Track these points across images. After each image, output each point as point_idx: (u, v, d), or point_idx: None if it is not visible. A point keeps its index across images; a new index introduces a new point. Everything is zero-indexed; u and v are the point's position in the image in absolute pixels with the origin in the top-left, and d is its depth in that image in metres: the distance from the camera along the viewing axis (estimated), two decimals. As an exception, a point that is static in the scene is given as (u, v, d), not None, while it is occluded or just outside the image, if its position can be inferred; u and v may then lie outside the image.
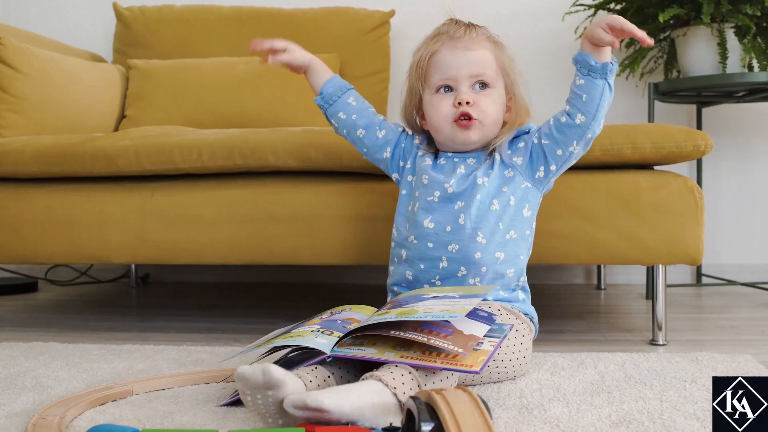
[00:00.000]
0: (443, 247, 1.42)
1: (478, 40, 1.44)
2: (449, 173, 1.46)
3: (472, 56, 1.43)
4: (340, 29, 2.67)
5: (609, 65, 1.34)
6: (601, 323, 2.00)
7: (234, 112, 2.45)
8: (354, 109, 1.56)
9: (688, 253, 1.64)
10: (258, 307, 2.32)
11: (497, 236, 1.41)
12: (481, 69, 1.43)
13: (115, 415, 1.17)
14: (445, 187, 1.44)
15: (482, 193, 1.41)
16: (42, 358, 1.57)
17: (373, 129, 1.55)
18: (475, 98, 1.42)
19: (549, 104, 2.32)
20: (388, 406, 1.03)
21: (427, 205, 1.44)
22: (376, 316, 1.21)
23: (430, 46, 1.47)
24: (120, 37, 2.78)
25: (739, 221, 2.76)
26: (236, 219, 1.76)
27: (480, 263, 1.40)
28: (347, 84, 1.59)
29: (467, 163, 1.47)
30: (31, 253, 1.86)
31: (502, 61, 1.46)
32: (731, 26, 2.29)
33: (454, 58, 1.43)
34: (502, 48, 1.48)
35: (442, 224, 1.42)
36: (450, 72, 1.43)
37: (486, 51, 1.44)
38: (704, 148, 1.64)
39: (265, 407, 1.05)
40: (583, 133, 1.38)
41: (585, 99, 1.36)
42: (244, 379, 1.03)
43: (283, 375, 1.02)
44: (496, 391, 1.28)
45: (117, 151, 1.79)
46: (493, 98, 1.44)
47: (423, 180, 1.47)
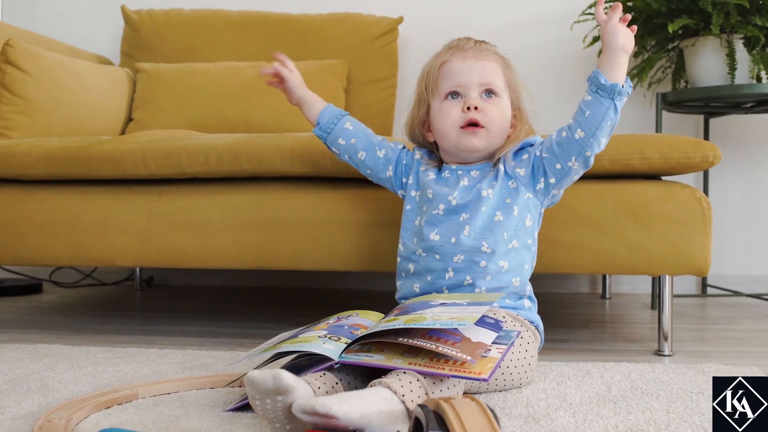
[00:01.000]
0: (449, 259, 1.43)
1: (487, 53, 1.49)
2: (453, 186, 1.48)
3: (482, 65, 1.46)
4: (348, 35, 2.67)
5: (618, 87, 1.35)
6: (607, 333, 1.99)
7: (240, 116, 2.45)
8: (352, 133, 1.59)
9: (694, 264, 1.64)
10: (263, 312, 2.32)
11: (501, 246, 1.42)
12: (490, 78, 1.46)
13: (121, 419, 1.16)
14: (449, 200, 1.45)
15: (487, 206, 1.43)
16: (47, 360, 1.56)
17: (373, 150, 1.58)
18: (483, 105, 1.45)
19: (554, 113, 2.34)
20: (395, 414, 1.03)
21: (432, 218, 1.46)
22: (383, 323, 1.21)
23: (440, 56, 1.51)
24: (128, 40, 2.79)
25: (745, 232, 2.76)
26: (242, 224, 1.76)
27: (485, 272, 1.41)
28: (342, 111, 1.63)
29: (471, 175, 1.48)
30: (36, 255, 1.85)
31: (508, 76, 1.50)
32: (740, 37, 2.28)
33: (465, 66, 1.47)
34: (509, 65, 1.52)
35: (447, 236, 1.44)
36: (460, 79, 1.46)
37: (494, 63, 1.48)
38: (713, 159, 1.63)
39: (274, 412, 1.05)
40: (582, 150, 1.39)
41: (587, 115, 1.37)
42: (254, 384, 1.03)
43: (293, 381, 1.02)
44: (502, 399, 1.28)
45: (124, 155, 1.79)
46: (500, 107, 1.47)
47: (428, 194, 1.49)
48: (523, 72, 1.58)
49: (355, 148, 1.59)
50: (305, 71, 2.49)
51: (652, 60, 2.42)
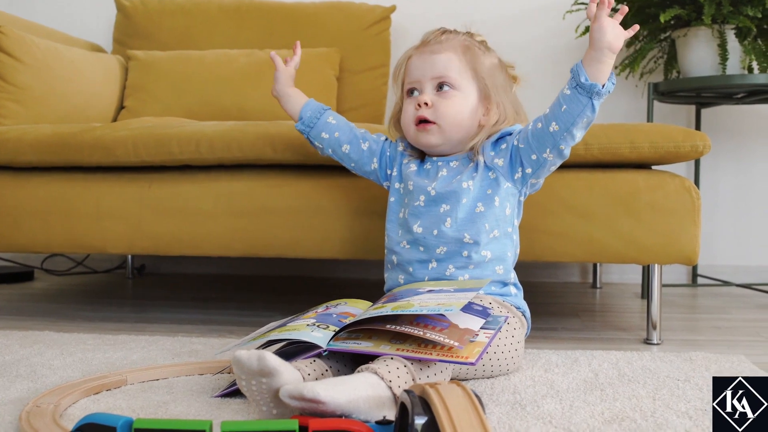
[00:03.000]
0: (432, 250, 1.44)
1: (447, 44, 1.46)
2: (432, 177, 1.48)
3: (436, 59, 1.45)
4: (341, 24, 2.67)
5: (597, 87, 1.31)
6: (596, 322, 2.00)
7: (233, 104, 2.45)
8: (335, 126, 1.60)
9: (684, 253, 1.64)
10: (254, 300, 2.33)
11: (483, 237, 1.42)
12: (443, 71, 1.44)
13: (110, 405, 1.17)
14: (428, 191, 1.45)
15: (468, 197, 1.43)
16: (37, 346, 1.57)
17: (357, 142, 1.59)
18: (435, 100, 1.44)
19: (548, 103, 2.33)
20: (382, 399, 1.03)
21: (414, 210, 1.47)
22: (371, 310, 1.22)
23: (408, 52, 1.51)
24: (120, 28, 2.78)
25: (736, 222, 2.77)
26: (234, 211, 1.76)
27: (468, 262, 1.42)
28: (324, 105, 1.62)
29: (450, 166, 1.48)
30: (28, 242, 1.85)
31: (474, 65, 1.46)
32: (732, 28, 2.29)
33: (420, 61, 1.46)
34: (478, 52, 1.47)
35: (429, 228, 1.44)
36: (416, 75, 1.46)
37: (451, 53, 1.45)
38: (702, 149, 1.64)
39: (260, 394, 1.05)
40: (556, 143, 1.37)
41: (564, 110, 1.35)
42: (240, 363, 1.04)
43: (278, 364, 1.03)
44: (489, 386, 1.29)
45: (115, 142, 1.79)
46: (455, 100, 1.44)
47: (409, 186, 1.50)
48: (519, 63, 1.57)
49: (339, 142, 1.59)
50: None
51: (644, 50, 2.42)
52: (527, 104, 1.56)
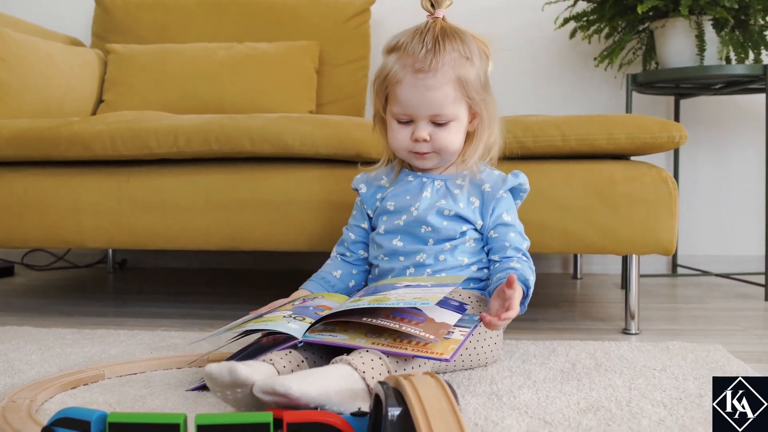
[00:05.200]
0: (412, 258, 1.45)
1: (442, 74, 1.37)
2: (415, 195, 1.47)
3: (432, 96, 1.38)
4: (320, 17, 2.66)
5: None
6: (576, 312, 2.01)
7: (212, 97, 2.44)
8: (341, 279, 1.55)
9: (661, 244, 1.66)
10: (234, 294, 2.32)
11: (461, 246, 1.44)
12: (439, 110, 1.39)
13: (86, 399, 1.17)
14: (410, 211, 1.46)
15: (449, 221, 1.44)
16: (15, 342, 1.56)
17: (357, 245, 1.57)
18: (432, 132, 1.41)
19: (532, 99, 2.35)
20: (356, 391, 1.03)
21: (394, 228, 1.47)
22: (348, 303, 1.22)
23: (395, 70, 1.40)
24: (99, 22, 2.76)
25: (715, 212, 2.78)
26: (212, 205, 1.75)
27: (445, 265, 1.43)
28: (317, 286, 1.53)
29: (435, 186, 1.48)
30: (5, 237, 1.84)
31: (466, 90, 1.40)
32: (709, 19, 2.30)
33: (415, 95, 1.38)
34: (469, 70, 1.40)
35: (409, 244, 1.46)
36: (410, 110, 1.40)
37: (447, 88, 1.38)
38: (678, 139, 1.65)
39: (236, 401, 1.06)
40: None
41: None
42: (212, 378, 1.04)
43: (249, 374, 1.03)
44: (467, 377, 1.29)
45: (92, 136, 1.78)
46: (451, 129, 1.42)
47: (389, 207, 1.49)
48: (499, 57, 1.54)
49: (352, 276, 1.56)
50: (277, 52, 2.50)
51: (623, 41, 2.43)
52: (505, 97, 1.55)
